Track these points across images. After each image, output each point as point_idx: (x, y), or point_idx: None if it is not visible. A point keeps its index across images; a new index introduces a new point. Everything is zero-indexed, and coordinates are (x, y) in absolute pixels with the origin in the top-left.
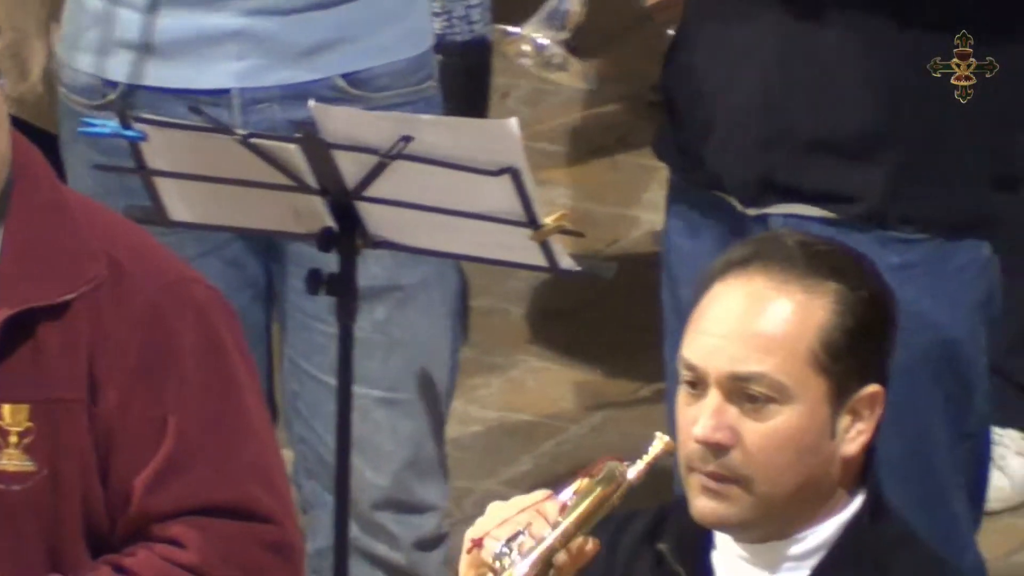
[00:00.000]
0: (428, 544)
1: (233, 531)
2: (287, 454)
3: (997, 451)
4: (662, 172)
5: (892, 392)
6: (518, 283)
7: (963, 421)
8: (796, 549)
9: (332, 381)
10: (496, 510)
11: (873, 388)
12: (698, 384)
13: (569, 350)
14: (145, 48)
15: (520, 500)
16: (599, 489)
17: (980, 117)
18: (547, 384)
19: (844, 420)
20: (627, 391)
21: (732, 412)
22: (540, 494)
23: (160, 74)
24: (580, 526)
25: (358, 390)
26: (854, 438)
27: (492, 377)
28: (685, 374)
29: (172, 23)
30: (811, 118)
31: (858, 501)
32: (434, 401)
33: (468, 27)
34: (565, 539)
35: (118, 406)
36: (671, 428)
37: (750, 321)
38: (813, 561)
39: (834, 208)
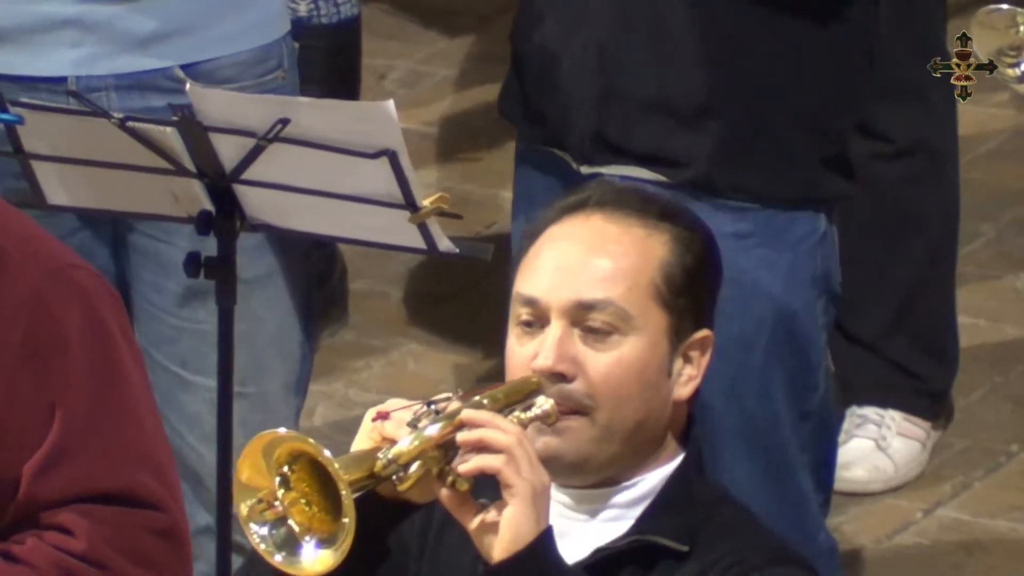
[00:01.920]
0: None
1: (121, 518)
2: None
3: (879, 432)
4: None
5: (730, 364)
6: (397, 266)
7: (804, 399)
8: (622, 497)
9: (183, 372)
10: (400, 401)
11: (705, 332)
12: (535, 321)
13: (449, 332)
14: None
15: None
16: (515, 388)
17: (806, 98)
18: (427, 366)
19: (678, 362)
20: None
21: (574, 343)
22: (446, 394)
23: None
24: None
25: (206, 382)
26: (686, 382)
27: (372, 360)
28: (522, 312)
29: (9, 9)
30: (645, 79)
31: (682, 455)
32: (284, 392)
33: (335, 9)
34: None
35: (3, 393)
36: None
37: (593, 254)
38: (637, 511)
39: (664, 172)
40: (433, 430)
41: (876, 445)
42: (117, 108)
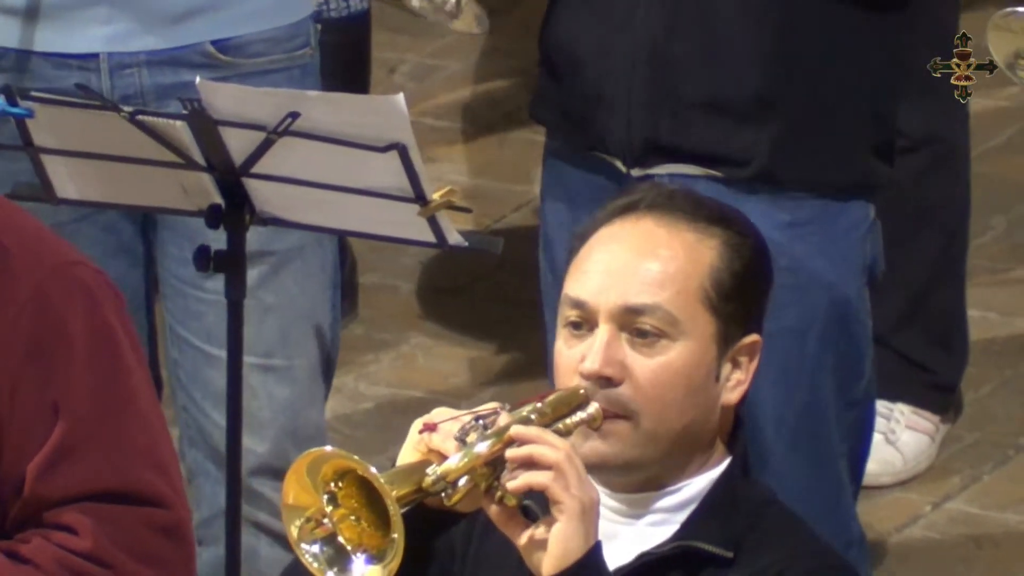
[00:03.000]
0: None
1: (126, 516)
2: (174, 432)
3: (888, 425)
4: None
5: (782, 354)
6: (407, 259)
7: (852, 387)
8: (668, 501)
9: (209, 348)
10: (446, 411)
11: (754, 337)
12: (584, 323)
13: (459, 326)
14: (14, 11)
15: (471, 411)
16: (562, 400)
17: (863, 84)
18: (438, 360)
19: (726, 367)
20: (517, 366)
21: (622, 348)
22: (492, 405)
23: (30, 37)
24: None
25: None
26: (734, 387)
27: (382, 354)
28: (570, 314)
29: None
30: (699, 79)
31: (728, 460)
32: (313, 369)
33: (344, 3)
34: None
35: (7, 392)
36: None
37: (642, 258)
38: (683, 516)
39: (722, 169)
40: (482, 447)
41: (885, 438)
42: (149, 84)
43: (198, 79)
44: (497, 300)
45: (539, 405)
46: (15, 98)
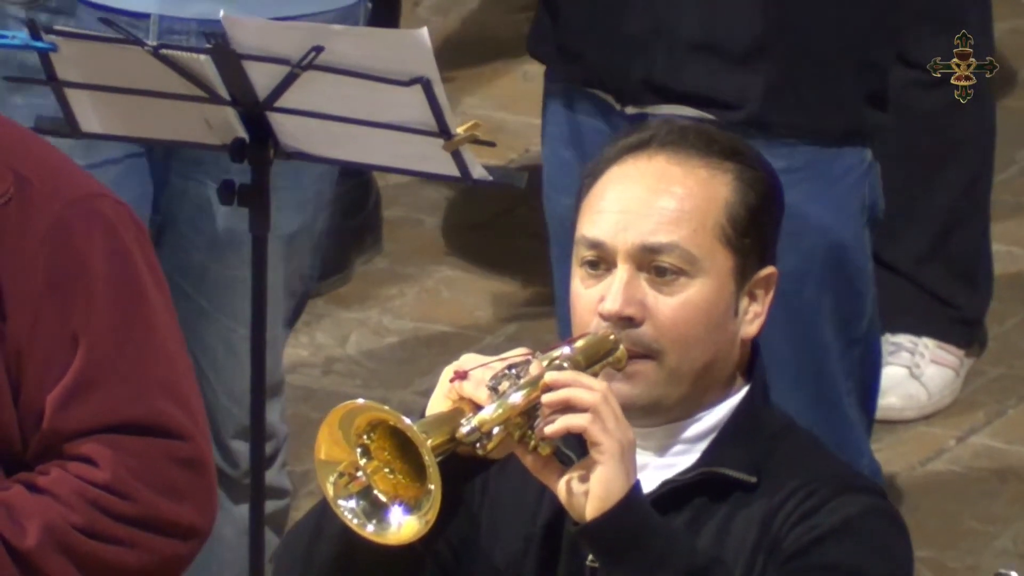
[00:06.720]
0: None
1: (145, 448)
2: None
3: (913, 360)
4: None
5: (781, 297)
6: (431, 193)
7: (853, 326)
8: (691, 431)
9: (206, 305)
10: (475, 357)
11: (769, 269)
12: (601, 263)
13: (483, 260)
14: None
15: (500, 356)
16: (592, 347)
17: (855, 34)
18: (462, 294)
19: (744, 301)
20: (541, 300)
21: (641, 287)
22: (520, 350)
23: None
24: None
25: (227, 323)
26: (752, 320)
27: (407, 288)
28: (587, 254)
29: None
30: (696, 19)
31: (746, 387)
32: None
33: None
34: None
35: (27, 324)
36: (566, 332)
37: (658, 196)
38: (703, 445)
39: (714, 112)
40: (517, 397)
41: (910, 372)
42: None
43: (222, 12)
44: (521, 234)
45: (568, 351)
46: (39, 32)
